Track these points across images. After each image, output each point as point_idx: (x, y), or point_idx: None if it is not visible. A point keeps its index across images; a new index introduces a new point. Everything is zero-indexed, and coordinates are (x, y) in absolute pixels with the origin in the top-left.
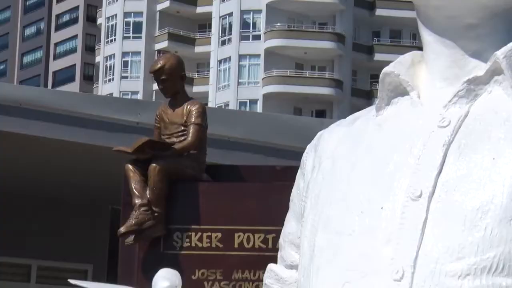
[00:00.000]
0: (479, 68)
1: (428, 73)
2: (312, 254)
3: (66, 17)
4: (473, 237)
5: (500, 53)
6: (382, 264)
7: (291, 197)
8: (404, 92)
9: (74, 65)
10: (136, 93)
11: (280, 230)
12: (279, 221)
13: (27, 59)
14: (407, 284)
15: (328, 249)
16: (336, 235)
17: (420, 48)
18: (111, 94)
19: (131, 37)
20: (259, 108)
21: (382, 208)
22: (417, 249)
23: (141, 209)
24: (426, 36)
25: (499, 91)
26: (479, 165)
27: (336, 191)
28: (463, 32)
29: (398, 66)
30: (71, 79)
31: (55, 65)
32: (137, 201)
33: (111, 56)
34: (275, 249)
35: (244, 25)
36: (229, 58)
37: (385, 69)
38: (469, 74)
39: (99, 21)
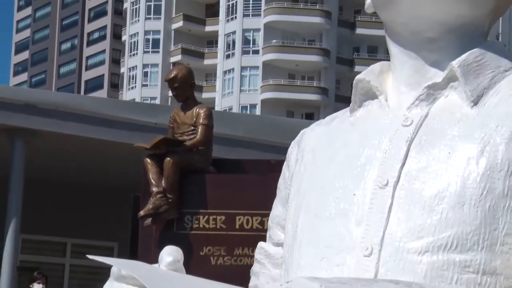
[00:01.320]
0: (437, 76)
1: (394, 80)
2: (295, 234)
3: (96, 35)
4: (431, 220)
5: (456, 63)
6: (354, 242)
7: (278, 185)
8: (374, 96)
9: (103, 75)
10: (154, 98)
11: None
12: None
13: (63, 70)
14: (375, 259)
15: (309, 229)
16: (315, 217)
17: None
18: (134, 99)
19: (150, 52)
20: (257, 111)
21: (354, 194)
22: (384, 230)
23: (157, 196)
24: (393, 48)
25: (454, 95)
26: (437, 158)
27: (316, 180)
28: (424, 45)
29: (369, 74)
30: (100, 86)
31: (86, 75)
32: (154, 189)
33: (134, 68)
34: None
35: (245, 41)
36: (233, 69)
37: (358, 77)
38: (429, 80)
39: (123, 38)
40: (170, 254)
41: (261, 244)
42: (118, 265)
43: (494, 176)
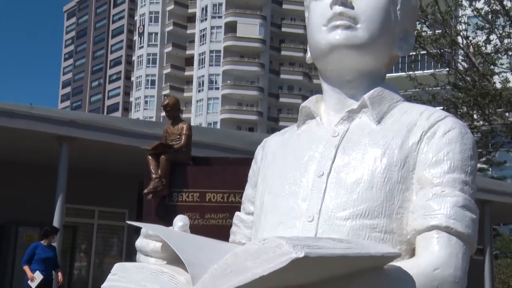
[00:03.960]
0: (354, 104)
1: (325, 107)
2: (261, 207)
3: (114, 76)
4: (352, 198)
5: (366, 96)
6: (301, 213)
7: (249, 175)
8: (312, 117)
9: (118, 102)
10: (151, 117)
11: (230, 193)
12: (230, 187)
13: (93, 99)
14: (315, 224)
15: (271, 204)
16: (275, 196)
17: (306, 96)
18: (138, 118)
19: (149, 88)
20: (218, 126)
21: (301, 181)
22: (321, 204)
23: (155, 180)
24: (325, 86)
25: (365, 117)
26: (355, 158)
27: (275, 171)
28: (345, 84)
29: (309, 102)
30: (116, 110)
31: (108, 102)
32: (154, 176)
33: (138, 98)
34: (229, 202)
35: (210, 81)
36: (202, 99)
37: (302, 104)
38: (349, 107)
39: (132, 79)
40: (181, 220)
41: (237, 213)
42: (146, 227)
43: (392, 170)
